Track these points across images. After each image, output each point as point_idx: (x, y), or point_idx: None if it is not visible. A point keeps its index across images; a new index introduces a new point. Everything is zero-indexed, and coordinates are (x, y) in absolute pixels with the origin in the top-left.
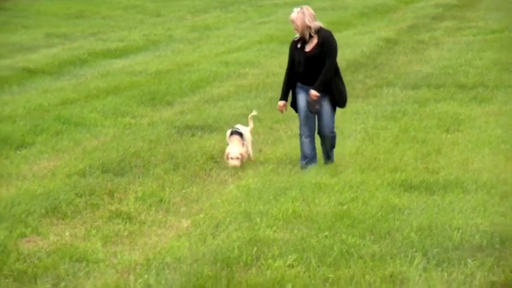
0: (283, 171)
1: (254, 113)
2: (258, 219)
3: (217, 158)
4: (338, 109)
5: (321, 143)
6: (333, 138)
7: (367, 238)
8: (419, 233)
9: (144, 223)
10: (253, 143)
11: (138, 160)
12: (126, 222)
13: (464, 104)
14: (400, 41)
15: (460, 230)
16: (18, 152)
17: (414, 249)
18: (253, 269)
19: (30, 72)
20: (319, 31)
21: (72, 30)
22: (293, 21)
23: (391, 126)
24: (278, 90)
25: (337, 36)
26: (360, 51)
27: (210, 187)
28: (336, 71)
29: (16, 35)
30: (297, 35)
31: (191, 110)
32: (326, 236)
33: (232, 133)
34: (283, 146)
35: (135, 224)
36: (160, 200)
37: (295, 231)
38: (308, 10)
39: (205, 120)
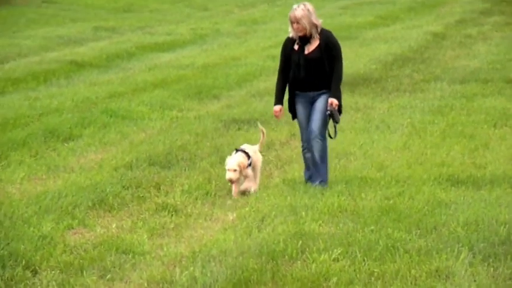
0: (329, 165)
1: (261, 127)
2: (303, 213)
3: (263, 152)
4: (383, 104)
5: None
6: (321, 144)
7: (413, 233)
8: (465, 227)
9: (190, 216)
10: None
11: (185, 153)
12: (172, 215)
13: None
14: (447, 36)
15: (507, 225)
16: (66, 145)
17: (460, 244)
18: (298, 262)
19: (78, 65)
20: (321, 31)
21: (120, 24)
22: (298, 20)
23: (438, 121)
24: None
25: (384, 30)
26: (407, 45)
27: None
28: None
29: (64, 28)
30: (292, 34)
31: (237, 103)
32: (372, 231)
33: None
34: (329, 140)
35: (181, 217)
36: (207, 193)
37: (341, 225)
38: (311, 6)
39: (252, 114)
